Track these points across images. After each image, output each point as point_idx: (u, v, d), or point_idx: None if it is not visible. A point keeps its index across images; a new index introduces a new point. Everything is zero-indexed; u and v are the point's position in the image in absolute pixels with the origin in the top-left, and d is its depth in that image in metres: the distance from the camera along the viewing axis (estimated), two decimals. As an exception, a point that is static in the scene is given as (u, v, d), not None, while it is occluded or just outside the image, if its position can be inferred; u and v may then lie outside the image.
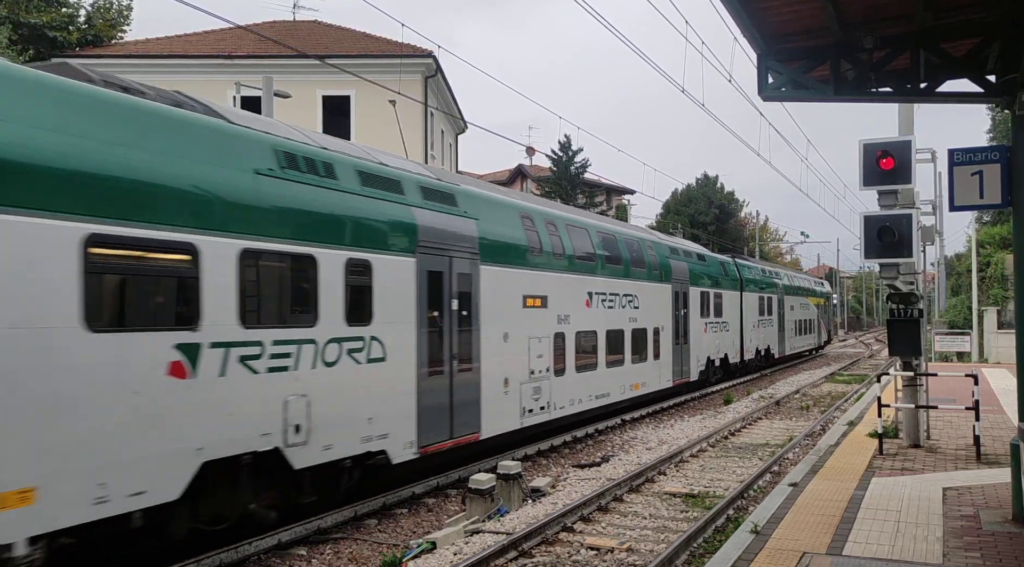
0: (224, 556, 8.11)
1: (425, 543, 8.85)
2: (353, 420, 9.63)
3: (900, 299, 11.43)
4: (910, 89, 8.47)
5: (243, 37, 27.35)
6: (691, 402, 22.55)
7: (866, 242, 9.64)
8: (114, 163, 7.03)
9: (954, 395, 15.03)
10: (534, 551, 8.67)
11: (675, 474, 12.89)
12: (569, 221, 16.39)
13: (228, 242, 8.06)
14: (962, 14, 8.04)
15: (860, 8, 7.82)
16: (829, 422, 17.77)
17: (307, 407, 8.90)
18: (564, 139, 44.80)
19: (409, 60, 26.76)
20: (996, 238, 36.42)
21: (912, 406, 12.08)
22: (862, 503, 8.64)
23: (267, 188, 8.61)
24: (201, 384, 7.67)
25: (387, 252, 10.36)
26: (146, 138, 7.45)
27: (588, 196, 46.35)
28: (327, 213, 9.43)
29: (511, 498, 10.52)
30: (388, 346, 10.25)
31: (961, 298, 39.34)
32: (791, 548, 7.03)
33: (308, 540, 9.10)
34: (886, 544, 7.15)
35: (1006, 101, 7.92)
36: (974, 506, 8.49)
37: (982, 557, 6.75)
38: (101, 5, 31.68)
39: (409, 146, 21.46)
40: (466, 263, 12.07)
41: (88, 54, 27.26)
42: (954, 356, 29.07)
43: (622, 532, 9.42)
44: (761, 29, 8.14)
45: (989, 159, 8.02)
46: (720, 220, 61.28)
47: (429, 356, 11.08)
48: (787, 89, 8.82)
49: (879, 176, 9.62)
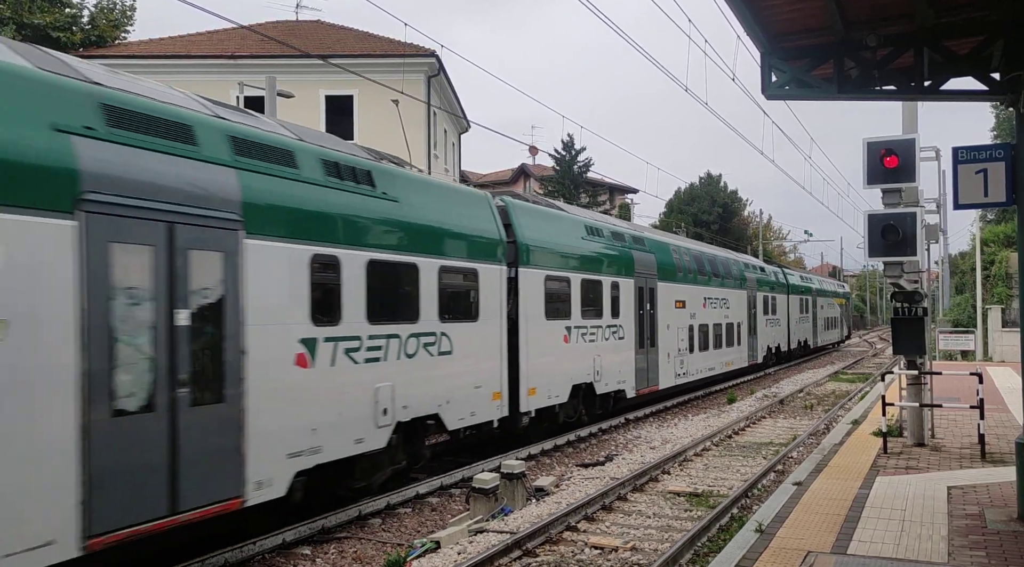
0: (229, 555, 8.13)
1: (429, 542, 8.86)
2: (616, 373, 17.65)
3: (904, 298, 11.42)
4: (914, 87, 8.46)
5: (246, 37, 27.39)
6: (694, 401, 22.56)
7: (870, 240, 9.62)
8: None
9: (958, 394, 15.02)
10: (538, 550, 8.67)
11: (679, 473, 12.89)
12: (692, 249, 24.22)
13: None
14: (965, 12, 8.02)
15: (863, 6, 7.80)
16: (833, 421, 17.75)
17: (598, 362, 16.82)
18: (567, 138, 44.85)
19: (412, 60, 26.77)
20: (1000, 236, 36.30)
21: (916, 405, 12.06)
22: (866, 502, 8.63)
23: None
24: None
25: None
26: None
27: (591, 195, 46.34)
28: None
29: (515, 497, 10.52)
30: (626, 332, 18.25)
31: (965, 296, 39.24)
32: (795, 547, 7.03)
33: (312, 539, 9.12)
34: (891, 543, 7.14)
35: (1010, 99, 7.90)
36: (979, 505, 8.47)
37: (987, 556, 6.74)
38: (104, 6, 31.72)
39: (412, 146, 21.46)
40: (651, 281, 19.84)
41: (91, 55, 27.31)
42: (958, 355, 28.99)
43: (626, 531, 9.42)
44: (764, 27, 8.13)
45: (993, 157, 8.00)
46: (723, 219, 61.22)
47: (637, 340, 18.78)
48: (790, 87, 8.80)
49: (883, 174, 9.59)
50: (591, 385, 16.46)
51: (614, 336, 17.57)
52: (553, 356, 14.97)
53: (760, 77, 8.75)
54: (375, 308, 10.03)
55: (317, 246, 9.12)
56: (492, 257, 13.03)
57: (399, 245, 10.65)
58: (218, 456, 7.75)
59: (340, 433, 9.40)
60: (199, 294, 7.61)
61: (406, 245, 10.81)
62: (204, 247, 7.66)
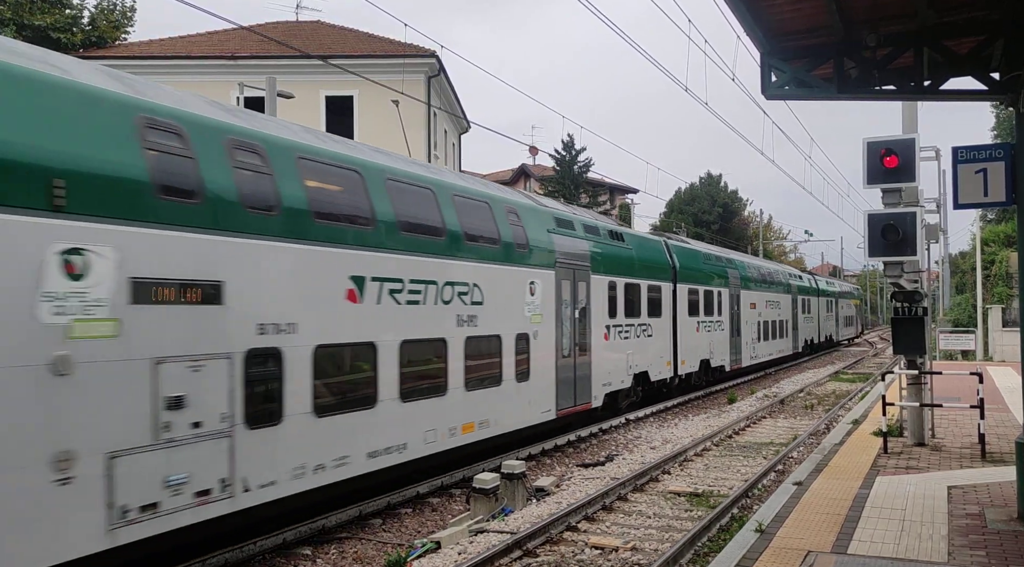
0: (229, 555, 8.13)
1: (429, 543, 8.86)
2: (721, 353, 25.34)
3: (904, 297, 11.42)
4: (914, 87, 8.46)
5: (246, 38, 27.38)
6: (695, 401, 22.55)
7: (870, 240, 9.62)
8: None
9: (959, 393, 15.01)
10: (538, 550, 8.67)
11: (679, 473, 12.89)
12: (757, 265, 32.35)
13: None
14: (965, 12, 8.02)
15: (862, 6, 7.80)
16: (833, 421, 17.75)
17: (712, 346, 24.55)
18: (567, 138, 44.83)
19: (412, 60, 26.77)
20: (1000, 236, 36.29)
21: (917, 404, 12.06)
22: (867, 502, 8.64)
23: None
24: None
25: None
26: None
27: (591, 196, 46.34)
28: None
29: (515, 497, 10.52)
30: (726, 326, 25.82)
31: (965, 296, 39.23)
32: (796, 547, 7.03)
33: (312, 539, 9.12)
34: (891, 543, 7.14)
35: (1010, 98, 7.90)
36: (979, 505, 8.47)
37: (987, 556, 6.74)
38: (104, 7, 31.74)
39: (412, 146, 21.47)
40: (736, 290, 27.28)
41: (92, 55, 27.31)
42: (958, 354, 28.99)
43: (626, 531, 9.42)
44: (764, 27, 8.13)
45: (993, 157, 8.00)
46: (723, 219, 61.21)
47: (731, 331, 26.51)
48: (790, 87, 8.81)
49: (883, 174, 9.59)
50: (707, 361, 24.24)
51: (719, 328, 25.38)
52: (692, 341, 22.69)
53: (760, 77, 8.76)
54: (627, 309, 17.87)
55: (609, 276, 17.05)
56: (666, 278, 20.82)
57: (632, 273, 18.35)
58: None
59: (616, 377, 17.42)
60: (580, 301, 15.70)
61: (635, 273, 18.54)
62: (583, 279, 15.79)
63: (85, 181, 6.44)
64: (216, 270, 7.60)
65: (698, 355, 23.20)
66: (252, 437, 7.89)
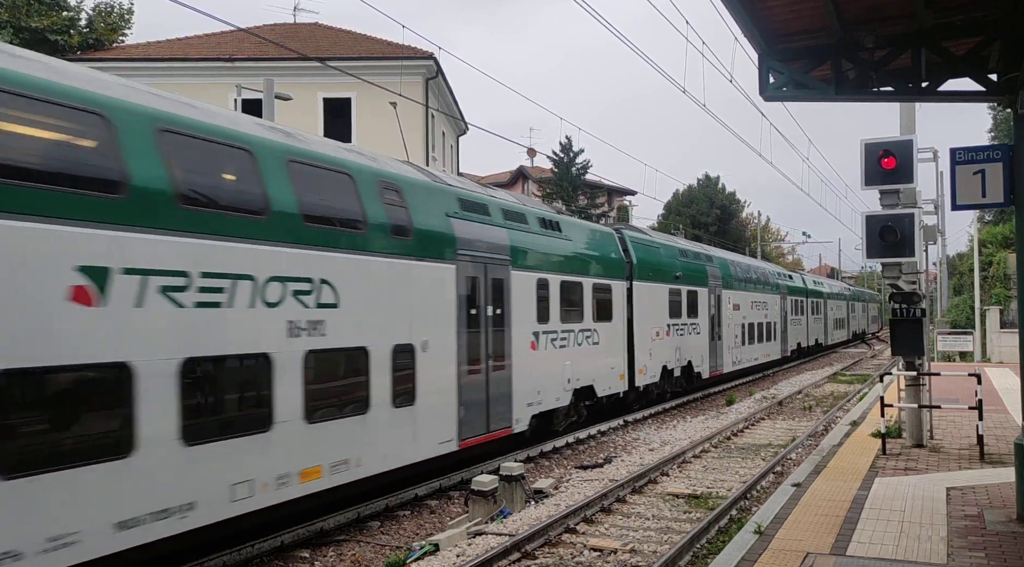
0: (227, 558, 8.11)
1: (428, 545, 8.84)
2: (696, 359, 23.04)
3: (903, 299, 11.42)
4: (911, 88, 8.46)
5: (244, 40, 27.38)
6: (693, 403, 22.55)
7: (868, 242, 9.62)
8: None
9: (957, 395, 15.02)
10: (537, 552, 8.66)
11: (678, 475, 12.88)
12: (742, 263, 30.21)
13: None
14: (963, 13, 8.03)
15: (860, 7, 7.81)
16: (832, 422, 17.75)
17: (681, 351, 21.86)
18: (565, 140, 44.78)
19: (410, 62, 26.77)
20: (998, 237, 36.38)
21: (915, 406, 12.05)
22: (865, 503, 8.63)
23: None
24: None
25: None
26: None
27: (589, 197, 46.34)
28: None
29: (514, 500, 10.51)
30: (702, 329, 23.64)
31: (964, 297, 39.29)
32: (795, 548, 7.02)
33: (310, 542, 9.10)
34: (890, 544, 7.13)
35: (1008, 100, 7.90)
36: (978, 506, 8.47)
37: (986, 557, 6.73)
38: (102, 9, 31.71)
39: (410, 148, 21.47)
40: (717, 289, 25.14)
41: (89, 58, 27.30)
42: (957, 356, 29.02)
43: (625, 533, 9.41)
44: (762, 29, 8.13)
45: (991, 158, 8.00)
46: (721, 220, 61.25)
47: (709, 334, 24.10)
48: (788, 89, 8.81)
49: (881, 175, 9.59)
50: (677, 368, 21.52)
51: (694, 331, 22.79)
52: (656, 346, 20.01)
53: (758, 78, 8.75)
54: (564, 312, 15.05)
55: (539, 273, 14.22)
56: (619, 275, 18.01)
57: (572, 269, 15.59)
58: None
59: (550, 394, 14.57)
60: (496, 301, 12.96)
61: (576, 269, 15.80)
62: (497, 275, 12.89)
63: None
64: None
65: (661, 362, 20.32)
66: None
